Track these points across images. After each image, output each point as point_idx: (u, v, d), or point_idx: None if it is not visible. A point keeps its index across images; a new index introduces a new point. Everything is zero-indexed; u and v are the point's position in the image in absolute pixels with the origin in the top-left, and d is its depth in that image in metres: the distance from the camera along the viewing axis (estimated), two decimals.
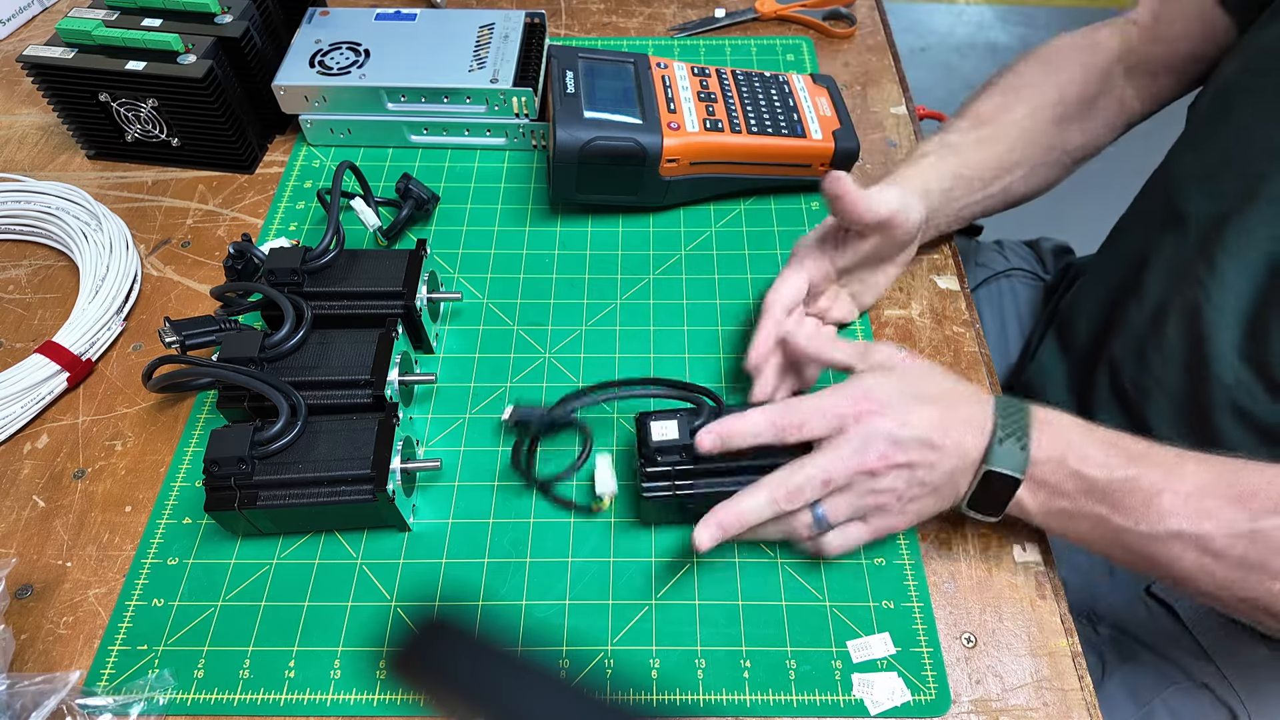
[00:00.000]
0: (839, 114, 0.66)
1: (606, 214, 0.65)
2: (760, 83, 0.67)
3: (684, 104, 0.62)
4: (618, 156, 0.59)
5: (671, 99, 0.62)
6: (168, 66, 0.62)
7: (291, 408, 0.46)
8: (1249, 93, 0.55)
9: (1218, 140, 0.57)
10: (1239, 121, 0.55)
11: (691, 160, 0.61)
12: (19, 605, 0.47)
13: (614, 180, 0.61)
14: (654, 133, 0.59)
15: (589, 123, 0.59)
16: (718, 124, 0.62)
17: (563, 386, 0.55)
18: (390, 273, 0.54)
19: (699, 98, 0.63)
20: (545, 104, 0.68)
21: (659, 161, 0.60)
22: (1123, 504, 0.42)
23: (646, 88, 0.63)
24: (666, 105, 0.62)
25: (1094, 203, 1.41)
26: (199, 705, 0.44)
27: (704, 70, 0.66)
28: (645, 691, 0.26)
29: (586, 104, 0.60)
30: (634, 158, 0.59)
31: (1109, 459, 0.43)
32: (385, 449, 0.46)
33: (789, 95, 0.66)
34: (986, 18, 2.25)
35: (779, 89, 0.66)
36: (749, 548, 0.48)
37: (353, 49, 0.68)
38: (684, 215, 0.65)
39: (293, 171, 0.69)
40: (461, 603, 0.47)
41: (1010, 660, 0.45)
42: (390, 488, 0.45)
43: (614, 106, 0.61)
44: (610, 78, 0.64)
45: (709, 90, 0.64)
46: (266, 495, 0.45)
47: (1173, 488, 0.42)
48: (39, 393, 0.54)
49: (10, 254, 0.64)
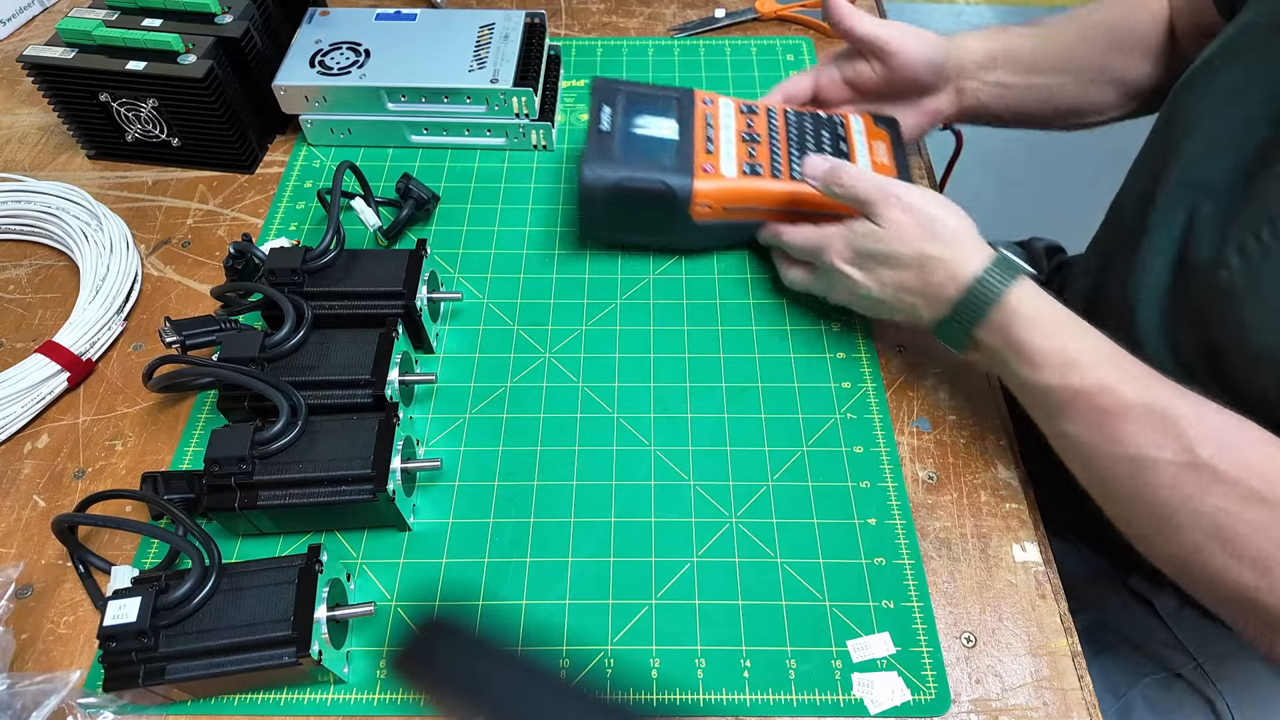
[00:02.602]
0: (897, 163, 0.60)
1: None
2: (813, 123, 0.61)
3: (724, 145, 0.58)
4: (645, 197, 0.56)
5: (711, 139, 0.58)
6: (168, 66, 0.62)
7: (292, 408, 0.46)
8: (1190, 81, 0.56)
9: (1162, 122, 0.58)
10: (1176, 105, 0.56)
11: (725, 205, 0.57)
12: (19, 605, 0.47)
13: (643, 221, 0.58)
14: (685, 174, 0.56)
15: (617, 161, 0.56)
16: (756, 168, 0.57)
17: (563, 386, 0.55)
18: (390, 273, 0.54)
19: (742, 138, 0.59)
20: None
21: (689, 205, 0.56)
22: (1036, 361, 0.45)
23: (686, 125, 0.59)
24: (705, 145, 0.58)
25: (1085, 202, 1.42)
26: (199, 705, 0.44)
27: (752, 108, 0.62)
28: (645, 691, 0.26)
29: (619, 140, 0.57)
30: (662, 200, 0.56)
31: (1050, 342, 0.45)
32: (385, 449, 0.46)
33: (843, 139, 0.61)
34: (986, 18, 2.25)
35: (832, 131, 0.61)
36: (749, 548, 0.48)
37: (353, 49, 0.68)
38: None
39: (293, 171, 0.69)
40: (461, 602, 0.47)
41: (1010, 660, 0.45)
42: (390, 487, 0.45)
43: (647, 144, 0.57)
44: (649, 113, 0.60)
45: (754, 131, 0.60)
46: (267, 495, 0.45)
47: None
48: (39, 393, 0.54)
49: (10, 254, 0.64)
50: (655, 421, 0.54)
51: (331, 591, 0.42)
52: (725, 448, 0.53)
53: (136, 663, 0.40)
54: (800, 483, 0.51)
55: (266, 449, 0.45)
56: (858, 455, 0.52)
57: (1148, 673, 0.59)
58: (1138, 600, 0.62)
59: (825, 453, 0.52)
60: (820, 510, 0.50)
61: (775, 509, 0.50)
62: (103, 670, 0.40)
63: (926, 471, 0.52)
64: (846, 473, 0.51)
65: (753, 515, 0.50)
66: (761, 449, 0.52)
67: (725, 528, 0.49)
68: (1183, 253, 0.52)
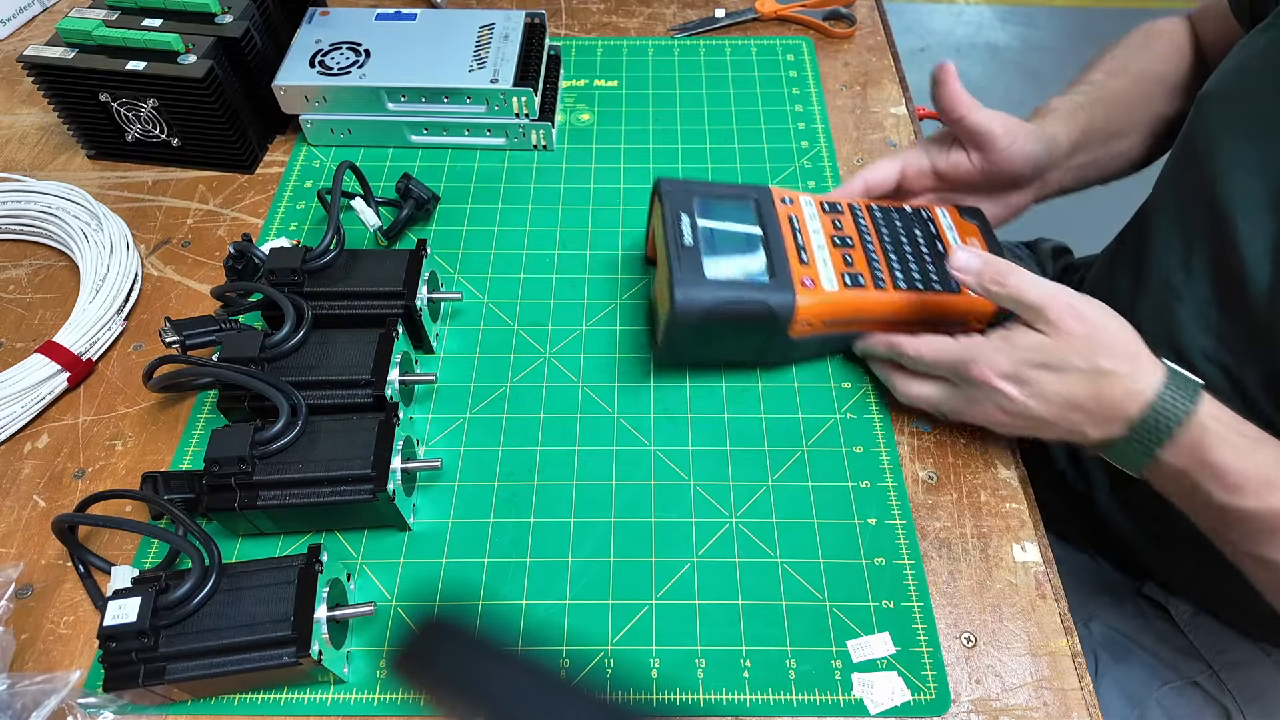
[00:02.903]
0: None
1: (607, 214, 0.65)
2: (901, 220, 0.57)
3: (817, 251, 0.53)
4: (742, 319, 0.50)
5: (802, 245, 0.53)
6: (168, 66, 0.62)
7: (292, 408, 0.46)
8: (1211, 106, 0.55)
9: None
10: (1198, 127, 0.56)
11: (827, 320, 0.52)
12: (19, 605, 0.47)
13: (734, 341, 0.53)
14: (785, 290, 0.50)
15: (711, 283, 0.49)
16: (858, 278, 0.52)
17: (563, 386, 0.55)
18: (390, 273, 0.54)
19: (833, 242, 0.54)
20: (651, 239, 0.59)
21: (790, 324, 0.51)
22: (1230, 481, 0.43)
23: (772, 230, 0.53)
24: (798, 254, 0.52)
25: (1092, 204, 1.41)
26: (200, 704, 0.44)
27: (835, 206, 0.56)
28: (645, 691, 0.26)
29: (705, 255, 0.51)
30: (761, 320, 0.50)
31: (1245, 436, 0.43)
32: (385, 449, 0.46)
33: (936, 237, 0.56)
34: (986, 18, 2.25)
35: (924, 228, 0.56)
36: (749, 548, 0.48)
37: (353, 49, 0.68)
38: None
39: (293, 171, 0.69)
40: (461, 602, 0.47)
41: (1010, 660, 0.45)
42: (390, 487, 0.45)
43: (738, 258, 0.51)
44: (730, 219, 0.54)
45: (844, 233, 0.55)
46: (267, 495, 0.45)
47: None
48: (39, 393, 0.54)
49: (10, 254, 0.64)
50: (655, 421, 0.54)
51: (331, 591, 0.42)
52: (725, 448, 0.53)
53: (136, 663, 0.40)
54: (800, 483, 0.51)
55: (266, 449, 0.45)
56: (858, 455, 0.52)
57: (1164, 680, 0.59)
58: (1153, 607, 0.62)
59: (825, 453, 0.52)
60: (820, 510, 0.50)
61: (775, 509, 0.50)
62: (103, 670, 0.40)
63: (926, 471, 0.52)
64: (846, 473, 0.51)
65: (753, 515, 0.50)
66: (761, 449, 0.52)
67: (725, 528, 0.49)
68: (1228, 277, 0.51)
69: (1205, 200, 0.54)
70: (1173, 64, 0.64)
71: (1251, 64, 0.53)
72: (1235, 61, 0.55)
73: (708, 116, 0.72)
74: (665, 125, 0.72)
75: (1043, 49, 2.16)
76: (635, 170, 0.69)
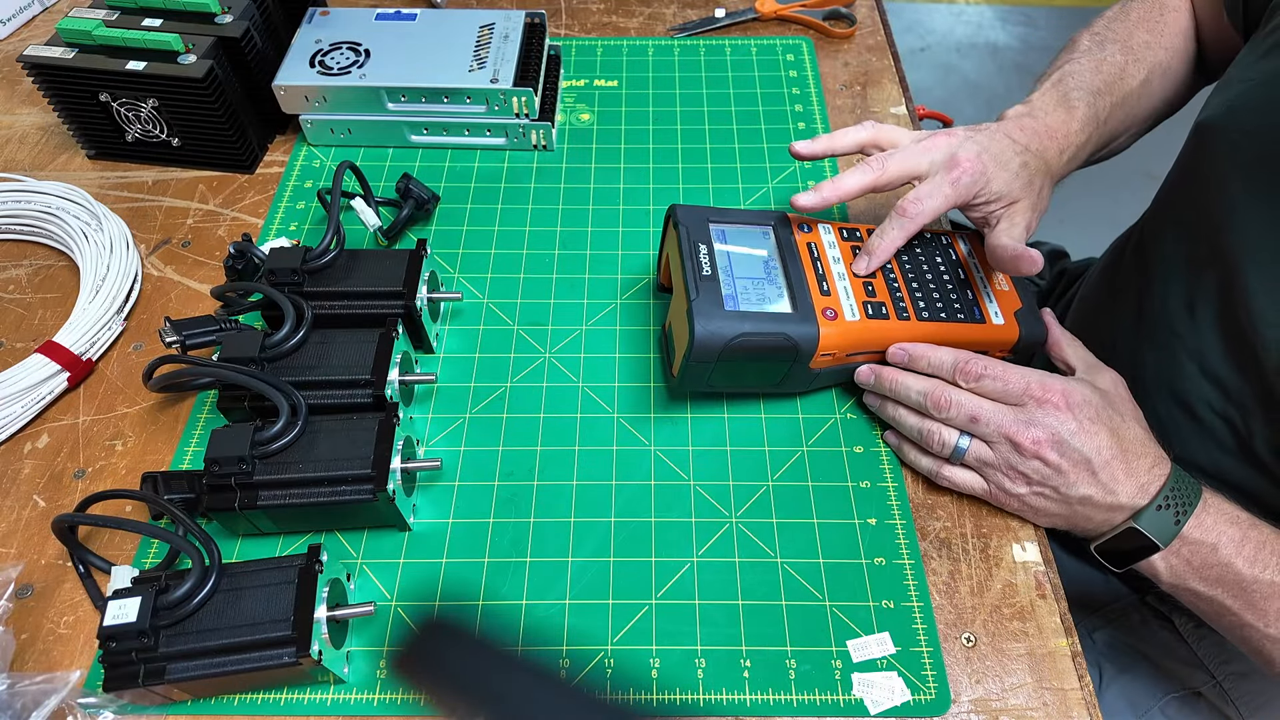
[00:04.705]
0: (1018, 289, 0.54)
1: (607, 214, 0.65)
2: (923, 248, 0.55)
3: (838, 281, 0.52)
4: (763, 350, 0.49)
5: (823, 275, 0.52)
6: (168, 66, 0.62)
7: (292, 407, 0.46)
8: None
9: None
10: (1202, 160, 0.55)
11: (849, 351, 0.51)
12: (19, 605, 0.47)
13: (753, 372, 0.51)
14: (808, 322, 0.49)
15: (731, 314, 0.48)
16: (880, 308, 0.51)
17: (563, 386, 0.55)
18: (390, 273, 0.54)
19: (854, 273, 0.53)
20: (664, 266, 0.58)
21: (812, 356, 0.49)
22: (1257, 605, 0.44)
23: (792, 259, 0.52)
24: (819, 285, 0.51)
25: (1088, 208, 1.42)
26: (199, 704, 0.44)
27: (854, 233, 0.55)
28: (645, 691, 0.26)
29: (725, 286, 0.49)
30: (782, 352, 0.49)
31: (1260, 557, 0.44)
32: (385, 449, 0.46)
33: (958, 265, 0.55)
34: (986, 18, 2.25)
35: (944, 255, 0.55)
36: (749, 548, 0.48)
37: (353, 49, 0.68)
38: None
39: (293, 171, 0.69)
40: (461, 602, 0.47)
41: (1010, 660, 0.45)
42: (390, 487, 0.45)
43: (758, 289, 0.50)
44: (749, 247, 0.53)
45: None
46: (267, 495, 0.45)
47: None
48: (39, 392, 0.54)
49: (10, 254, 0.64)
50: (655, 421, 0.54)
51: (331, 591, 0.42)
52: (725, 448, 0.53)
53: (136, 663, 0.40)
54: (800, 483, 0.51)
55: (266, 449, 0.45)
56: (858, 455, 0.52)
57: (1168, 691, 0.59)
58: (1157, 618, 0.62)
59: (825, 453, 0.52)
60: (820, 510, 0.50)
61: (775, 509, 0.50)
62: (103, 670, 0.40)
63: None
64: (846, 473, 0.51)
65: (753, 515, 0.50)
66: (761, 449, 0.52)
67: (725, 528, 0.49)
68: (1234, 331, 0.51)
69: (1210, 244, 0.53)
70: (1176, 51, 0.64)
71: (1254, 97, 0.51)
72: (1237, 90, 0.53)
73: (708, 116, 0.72)
74: (665, 125, 0.72)
75: (1043, 49, 2.16)
76: (635, 170, 0.69)
